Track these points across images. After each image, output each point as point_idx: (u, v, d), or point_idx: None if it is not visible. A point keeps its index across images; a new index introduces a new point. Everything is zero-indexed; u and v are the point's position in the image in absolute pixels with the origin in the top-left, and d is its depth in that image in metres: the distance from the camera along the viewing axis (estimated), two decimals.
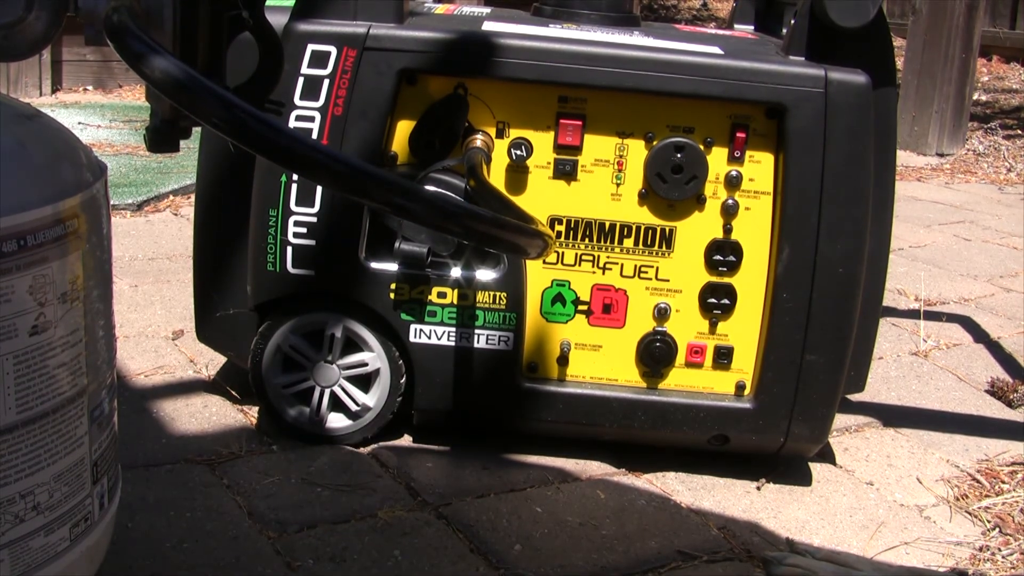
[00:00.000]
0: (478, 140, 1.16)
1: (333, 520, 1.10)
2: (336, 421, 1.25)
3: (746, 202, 1.18)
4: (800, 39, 1.19)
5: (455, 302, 1.19)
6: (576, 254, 1.19)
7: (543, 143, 1.17)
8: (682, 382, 1.22)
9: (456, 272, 1.19)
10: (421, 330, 1.20)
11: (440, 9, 1.35)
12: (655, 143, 1.16)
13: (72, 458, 0.79)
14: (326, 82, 1.14)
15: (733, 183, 1.17)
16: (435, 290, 1.19)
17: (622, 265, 1.19)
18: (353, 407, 1.23)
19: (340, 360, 1.22)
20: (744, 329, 1.20)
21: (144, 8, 0.72)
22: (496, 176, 1.18)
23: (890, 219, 1.25)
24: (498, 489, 1.19)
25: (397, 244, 1.17)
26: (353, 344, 1.22)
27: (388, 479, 1.19)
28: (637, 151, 1.17)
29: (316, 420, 1.24)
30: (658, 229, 1.19)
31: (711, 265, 1.19)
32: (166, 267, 1.88)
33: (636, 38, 1.21)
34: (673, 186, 1.17)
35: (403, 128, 1.17)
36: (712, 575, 1.06)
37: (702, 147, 1.16)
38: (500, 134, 1.17)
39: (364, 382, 1.23)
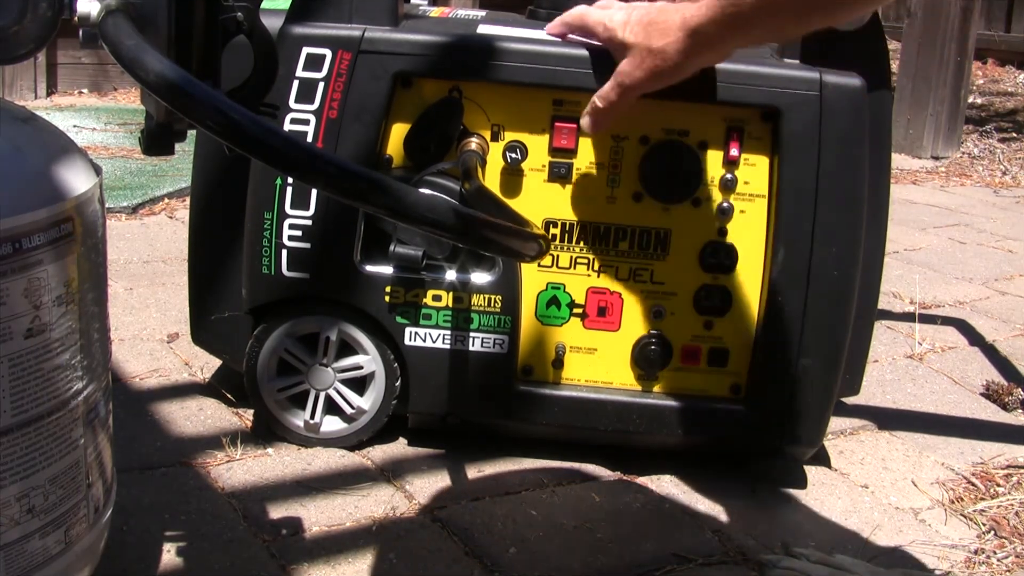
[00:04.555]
0: (473, 143, 1.16)
1: (328, 523, 1.10)
2: (331, 424, 1.25)
3: (741, 205, 1.18)
4: (795, 42, 1.19)
5: (450, 305, 1.19)
6: (571, 257, 1.19)
7: (538, 146, 1.17)
8: (677, 385, 1.22)
9: (451, 275, 1.19)
10: (416, 333, 1.20)
11: (435, 12, 1.35)
12: (650, 146, 1.16)
13: (67, 461, 0.79)
14: (321, 85, 1.14)
15: (728, 186, 1.17)
16: (430, 293, 1.19)
17: (617, 268, 1.19)
18: (348, 410, 1.23)
19: (335, 363, 1.22)
20: (739, 332, 1.20)
21: (139, 12, 0.72)
22: (491, 179, 1.18)
23: (885, 222, 1.25)
24: (493, 492, 1.19)
25: (392, 247, 1.17)
26: (348, 347, 1.22)
27: (383, 482, 1.19)
28: (632, 154, 1.17)
29: (311, 423, 1.24)
30: (653, 232, 1.19)
31: (706, 268, 1.19)
32: (161, 270, 1.88)
33: None
34: (668, 189, 1.17)
35: (398, 131, 1.17)
36: None
37: (697, 150, 1.16)
38: (495, 137, 1.17)
39: (359, 385, 1.23)
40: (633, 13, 1.08)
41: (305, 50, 1.14)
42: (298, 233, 1.18)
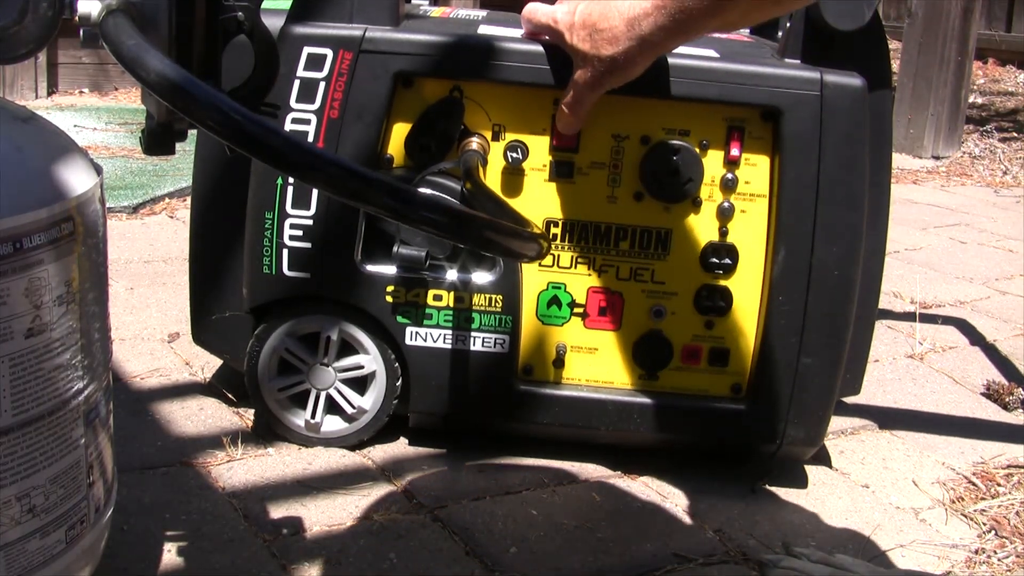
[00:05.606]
0: (474, 143, 1.16)
1: (329, 523, 1.10)
2: (332, 424, 1.25)
3: (742, 205, 1.18)
4: (796, 42, 1.19)
5: (451, 305, 1.19)
6: (572, 257, 1.19)
7: (539, 146, 1.17)
8: (678, 384, 1.22)
9: (452, 275, 1.19)
10: (417, 333, 1.20)
11: (436, 12, 1.35)
12: (651, 146, 1.16)
13: (68, 460, 0.79)
14: (322, 85, 1.14)
15: (729, 186, 1.17)
16: (431, 293, 1.19)
17: (618, 268, 1.19)
18: (349, 410, 1.23)
19: (336, 363, 1.22)
20: (740, 331, 1.20)
21: (140, 11, 0.72)
22: (492, 179, 1.18)
23: (886, 222, 1.25)
24: (494, 491, 1.19)
25: (396, 248, 1.16)
26: (349, 347, 1.22)
27: (383, 482, 1.19)
28: (633, 154, 1.17)
29: (312, 423, 1.24)
30: (654, 232, 1.19)
31: (707, 268, 1.19)
32: (162, 270, 1.88)
33: None
34: (669, 189, 1.17)
35: (399, 131, 1.17)
36: None
37: (698, 150, 1.16)
38: (496, 137, 1.17)
39: (360, 385, 1.23)
40: (577, 13, 1.07)
41: (306, 50, 1.14)
42: (299, 233, 1.18)
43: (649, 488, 1.23)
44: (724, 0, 0.93)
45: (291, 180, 1.16)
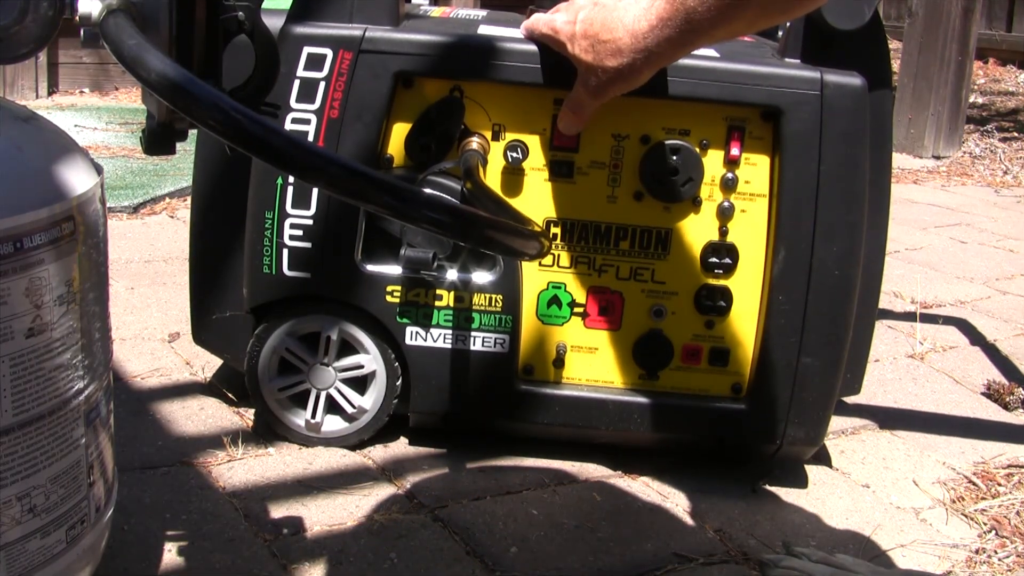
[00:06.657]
0: (474, 143, 1.16)
1: (329, 523, 1.10)
2: (332, 423, 1.25)
3: (742, 204, 1.18)
4: (796, 42, 1.19)
5: (451, 304, 1.19)
6: (572, 256, 1.19)
7: (539, 145, 1.17)
8: (678, 384, 1.22)
9: (452, 275, 1.19)
10: (417, 332, 1.20)
11: (436, 12, 1.35)
12: (651, 145, 1.16)
13: (69, 460, 0.79)
14: (322, 85, 1.14)
15: (729, 185, 1.17)
16: (431, 292, 1.19)
17: (618, 267, 1.19)
18: (349, 409, 1.23)
19: (336, 363, 1.22)
20: (740, 331, 1.20)
21: (140, 11, 0.72)
22: (492, 178, 1.18)
23: (886, 221, 1.25)
24: (494, 491, 1.19)
25: (403, 251, 1.16)
26: (349, 346, 1.22)
27: (384, 481, 1.19)
28: (633, 153, 1.17)
29: (312, 422, 1.24)
30: (654, 231, 1.19)
31: (707, 267, 1.19)
32: (162, 269, 1.88)
33: None
34: (669, 188, 1.17)
35: (399, 131, 1.17)
36: None
37: (698, 149, 1.16)
38: (496, 136, 1.17)
39: (360, 384, 1.23)
40: (577, 23, 1.06)
41: (306, 50, 1.14)
42: (299, 232, 1.18)
43: (649, 488, 1.23)
44: (731, 10, 0.92)
45: (291, 180, 1.16)
